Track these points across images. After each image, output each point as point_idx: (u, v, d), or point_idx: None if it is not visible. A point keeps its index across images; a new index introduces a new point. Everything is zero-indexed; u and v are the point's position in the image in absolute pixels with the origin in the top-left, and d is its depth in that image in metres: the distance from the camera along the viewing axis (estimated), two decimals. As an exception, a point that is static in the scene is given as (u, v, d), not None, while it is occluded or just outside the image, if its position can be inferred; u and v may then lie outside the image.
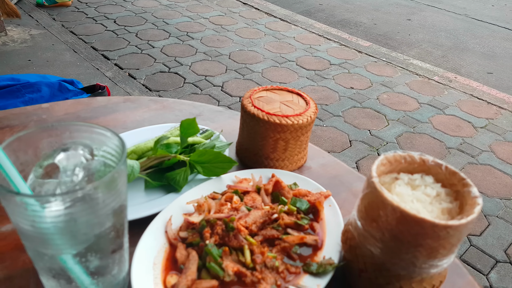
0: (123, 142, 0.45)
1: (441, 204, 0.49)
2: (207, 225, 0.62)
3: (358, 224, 0.52)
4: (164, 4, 4.68)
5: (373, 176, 0.48)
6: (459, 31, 4.76)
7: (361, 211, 0.51)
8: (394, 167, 0.53)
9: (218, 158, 0.73)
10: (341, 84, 3.31)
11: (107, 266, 0.48)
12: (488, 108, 3.17)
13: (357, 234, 0.52)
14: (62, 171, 0.46)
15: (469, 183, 0.49)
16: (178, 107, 1.01)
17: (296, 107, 0.82)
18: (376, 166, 0.51)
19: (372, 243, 0.50)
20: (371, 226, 0.49)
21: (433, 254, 0.46)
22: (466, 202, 0.48)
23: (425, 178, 0.52)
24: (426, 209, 0.48)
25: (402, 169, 0.53)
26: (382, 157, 0.52)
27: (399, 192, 0.50)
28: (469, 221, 0.43)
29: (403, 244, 0.46)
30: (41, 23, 3.90)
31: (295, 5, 5.18)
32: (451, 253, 0.47)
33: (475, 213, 0.44)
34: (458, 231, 0.44)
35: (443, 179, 0.52)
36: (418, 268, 0.48)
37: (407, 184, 0.51)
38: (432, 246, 0.45)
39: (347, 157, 2.49)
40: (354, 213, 0.54)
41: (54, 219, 0.40)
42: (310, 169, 0.85)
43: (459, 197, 0.50)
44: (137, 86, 3.05)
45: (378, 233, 0.48)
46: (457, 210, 0.49)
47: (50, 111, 0.92)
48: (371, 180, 0.48)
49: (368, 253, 0.51)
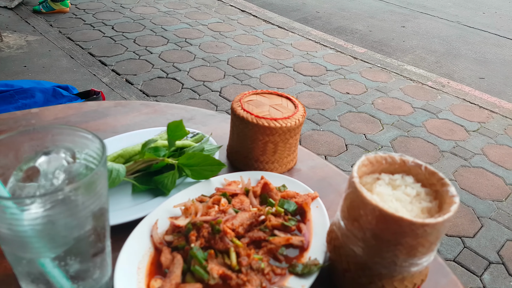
0: (103, 144, 0.45)
1: (421, 203, 0.49)
2: (193, 228, 0.62)
3: (342, 224, 0.52)
4: (163, 11, 4.70)
5: (354, 176, 0.48)
6: (452, 38, 4.79)
7: (343, 211, 0.51)
8: (375, 168, 0.53)
9: (206, 161, 0.73)
10: (337, 90, 3.33)
11: (88, 270, 0.48)
12: (480, 112, 3.18)
13: (341, 234, 0.53)
14: (43, 174, 0.46)
15: (447, 183, 0.49)
16: (170, 111, 1.01)
17: (285, 111, 0.82)
18: (358, 166, 0.51)
19: (354, 243, 0.50)
20: (353, 225, 0.49)
21: (413, 252, 0.46)
22: (445, 201, 0.48)
23: (405, 178, 0.52)
24: (406, 208, 0.48)
25: (384, 169, 0.53)
26: (363, 158, 0.52)
27: (380, 192, 0.50)
28: (445, 219, 0.44)
29: (383, 242, 0.46)
30: (38, 29, 3.91)
31: (293, 12, 5.21)
32: (431, 251, 0.47)
33: (451, 211, 0.45)
34: (435, 229, 0.44)
35: (423, 179, 0.52)
36: (399, 266, 0.48)
37: (388, 184, 0.52)
38: (411, 244, 0.45)
39: (343, 161, 2.50)
40: (338, 214, 0.54)
41: (32, 221, 0.40)
42: (299, 171, 0.85)
43: (438, 196, 0.50)
44: (134, 91, 3.06)
45: (360, 233, 0.49)
46: (436, 209, 0.49)
47: (39, 116, 0.92)
48: (352, 180, 0.48)
49: (351, 253, 0.51)
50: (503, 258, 1.94)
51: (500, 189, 2.38)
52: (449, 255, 1.93)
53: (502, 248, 1.99)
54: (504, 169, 2.55)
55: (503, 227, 2.11)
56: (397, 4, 5.95)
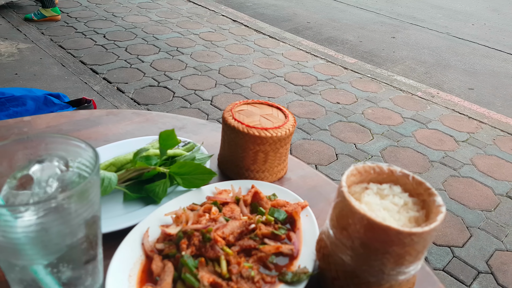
0: (96, 153, 0.46)
1: (408, 212, 0.51)
2: (184, 236, 0.62)
3: (330, 233, 0.53)
4: (155, 20, 4.72)
5: (342, 186, 0.50)
6: (441, 49, 4.87)
7: (332, 220, 0.52)
8: (364, 177, 0.55)
9: (198, 169, 0.74)
10: (328, 99, 3.36)
11: (80, 277, 0.49)
12: (469, 123, 3.23)
13: (330, 242, 0.54)
14: (36, 182, 0.47)
15: (434, 193, 0.51)
16: (161, 120, 1.02)
17: (275, 120, 0.83)
18: (346, 176, 0.52)
19: (343, 251, 0.51)
20: (342, 234, 0.50)
21: (400, 261, 0.47)
22: (431, 210, 0.49)
23: (393, 188, 0.54)
24: (394, 217, 0.50)
25: (372, 179, 0.55)
26: (352, 168, 0.54)
27: (368, 201, 0.51)
28: (432, 229, 0.45)
29: (371, 251, 0.47)
30: (29, 37, 3.90)
31: (284, 23, 5.26)
32: (418, 259, 0.48)
33: (438, 220, 0.46)
34: (422, 238, 0.45)
35: (411, 189, 0.53)
36: (387, 275, 0.49)
37: (376, 193, 0.53)
38: (399, 252, 0.46)
39: (334, 170, 2.52)
40: (327, 222, 0.55)
41: (26, 229, 0.41)
42: (290, 180, 0.86)
43: (425, 206, 0.51)
44: (126, 100, 3.05)
45: (348, 241, 0.49)
46: (423, 218, 0.50)
47: (31, 124, 0.92)
48: (340, 189, 0.49)
49: (339, 261, 0.52)
50: (492, 267, 1.96)
51: (489, 199, 2.41)
52: (438, 264, 1.95)
53: (491, 257, 2.01)
54: (493, 179, 2.59)
55: (491, 237, 2.14)
56: (387, 15, 6.04)
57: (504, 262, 1.99)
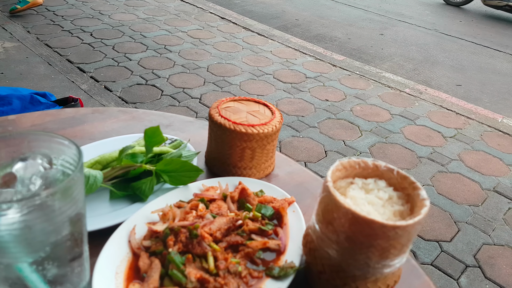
0: (80, 150, 0.45)
1: (393, 206, 0.51)
2: (171, 233, 0.62)
3: (316, 227, 0.53)
4: (142, 17, 4.69)
5: (327, 181, 0.50)
6: (429, 45, 4.92)
7: (318, 214, 0.53)
8: (349, 172, 0.55)
9: (184, 167, 0.74)
10: (317, 97, 3.37)
11: (66, 275, 0.48)
12: (457, 119, 3.27)
13: (316, 237, 0.54)
14: (20, 180, 0.46)
15: (418, 187, 0.51)
16: (148, 117, 1.01)
17: (262, 117, 0.83)
18: (331, 171, 0.52)
19: (329, 246, 0.51)
20: (327, 228, 0.51)
21: (385, 254, 0.48)
22: (416, 204, 0.50)
23: (378, 182, 0.54)
24: (379, 211, 0.50)
25: (357, 174, 0.55)
26: (337, 163, 0.54)
27: (353, 196, 0.51)
28: (416, 222, 0.45)
29: (356, 245, 0.48)
30: (15, 36, 3.85)
31: (272, 20, 5.26)
32: (403, 253, 0.49)
33: (422, 214, 0.47)
34: (406, 232, 0.46)
35: (395, 183, 0.54)
36: (372, 268, 0.49)
37: (361, 188, 0.53)
38: (383, 246, 0.47)
39: (323, 167, 2.53)
40: (313, 217, 0.56)
41: (9, 226, 0.40)
42: (277, 176, 0.87)
43: (410, 199, 0.52)
44: (113, 98, 3.03)
45: (334, 236, 0.50)
46: (408, 212, 0.51)
47: (16, 123, 0.91)
48: (326, 184, 0.50)
49: (325, 255, 0.53)
50: (479, 261, 1.98)
51: (476, 194, 2.44)
52: (427, 259, 1.97)
53: (479, 251, 2.04)
54: (480, 174, 2.62)
55: (479, 231, 2.17)
56: (375, 12, 6.08)
57: (492, 256, 2.02)
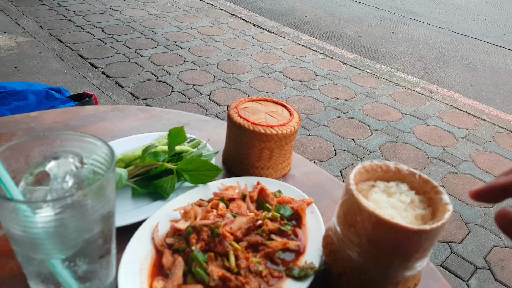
0: (112, 151, 0.47)
1: (415, 210, 0.52)
2: (193, 231, 0.63)
3: (338, 230, 0.54)
4: (153, 13, 4.70)
5: (350, 184, 0.51)
6: (441, 44, 4.88)
7: (340, 217, 0.54)
8: (371, 175, 0.56)
9: (204, 166, 0.75)
10: (327, 95, 3.37)
11: (95, 271, 0.50)
12: (469, 119, 3.25)
13: (337, 239, 0.55)
14: (53, 178, 0.48)
15: (440, 191, 0.52)
16: (166, 116, 1.03)
17: (281, 118, 0.84)
18: (354, 174, 0.53)
19: (350, 248, 0.52)
20: (349, 231, 0.52)
21: (407, 258, 0.48)
22: (438, 208, 0.51)
23: (400, 186, 0.55)
24: (401, 215, 0.51)
25: (379, 177, 0.56)
26: (359, 166, 0.55)
27: (375, 199, 0.52)
28: (439, 226, 0.46)
29: (379, 248, 0.49)
30: (28, 31, 3.89)
31: (282, 17, 5.26)
32: (424, 256, 0.50)
33: (445, 218, 0.47)
34: (429, 236, 0.46)
35: (417, 187, 0.55)
36: (393, 271, 0.50)
37: (383, 191, 0.54)
38: (406, 250, 0.47)
39: (332, 166, 2.53)
40: (334, 219, 0.57)
41: (45, 224, 0.42)
42: (294, 177, 0.88)
43: (432, 204, 0.52)
44: (124, 94, 3.05)
45: (355, 238, 0.51)
46: (430, 216, 0.52)
47: (38, 120, 0.93)
48: (348, 187, 0.51)
49: (346, 257, 0.54)
50: (490, 263, 1.98)
51: (486, 195, 2.43)
52: (437, 260, 1.97)
53: (489, 253, 2.04)
54: (491, 176, 2.61)
55: (490, 233, 2.16)
56: (386, 10, 6.04)
57: (502, 258, 2.02)
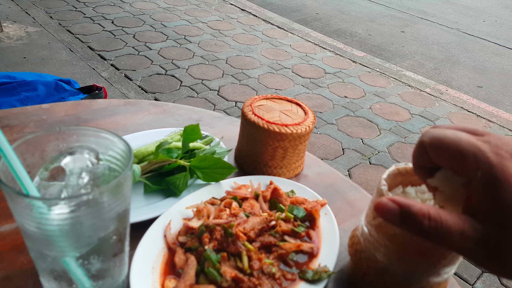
0: (129, 147, 0.46)
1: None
2: (206, 230, 0.63)
3: (365, 230, 0.54)
4: (163, 7, 4.69)
5: (382, 184, 0.50)
6: (451, 45, 4.84)
7: (368, 216, 0.53)
8: (404, 178, 0.55)
9: (218, 164, 0.74)
10: (335, 93, 3.35)
11: (108, 269, 0.49)
12: (478, 121, 3.22)
13: (363, 239, 0.54)
14: (68, 174, 0.47)
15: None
16: (178, 111, 1.02)
17: (295, 117, 0.83)
18: (387, 175, 0.52)
19: (376, 248, 0.51)
20: (377, 232, 0.51)
21: (433, 263, 0.47)
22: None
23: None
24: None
25: (412, 181, 0.55)
26: (393, 167, 0.54)
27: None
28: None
29: (406, 251, 0.48)
30: (38, 21, 3.89)
31: (292, 13, 5.23)
32: (452, 264, 0.48)
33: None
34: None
35: None
36: (418, 275, 0.49)
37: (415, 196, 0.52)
38: (434, 254, 0.47)
39: (340, 165, 2.52)
40: (362, 219, 0.56)
41: (61, 221, 0.41)
42: (306, 177, 0.86)
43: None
44: (133, 87, 3.05)
45: (383, 240, 0.50)
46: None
47: (50, 112, 0.92)
48: (380, 188, 0.50)
49: (372, 258, 0.53)
50: (495, 266, 1.97)
51: (494, 198, 2.41)
52: (443, 261, 1.96)
53: (495, 256, 2.02)
54: (498, 178, 2.58)
55: (496, 235, 2.14)
56: (397, 8, 5.99)
57: (508, 262, 2.00)
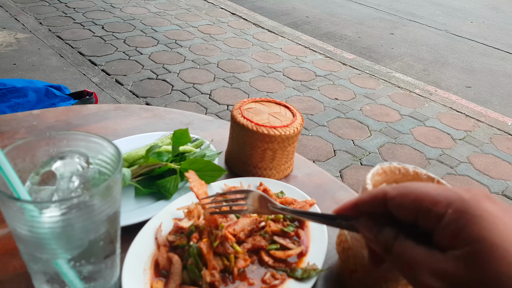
0: (119, 151, 0.47)
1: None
2: (196, 230, 0.64)
3: None
4: (153, 11, 4.70)
5: (367, 183, 0.51)
6: (440, 46, 4.89)
7: None
8: (388, 178, 0.56)
9: (208, 166, 0.76)
10: (326, 95, 3.37)
11: (100, 271, 0.50)
12: (467, 121, 3.26)
13: (350, 237, 0.56)
14: (59, 178, 0.48)
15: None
16: (169, 115, 1.03)
17: (284, 119, 0.85)
18: (372, 174, 0.54)
19: (363, 246, 0.53)
20: None
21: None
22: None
23: None
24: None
25: (397, 180, 0.56)
26: (377, 167, 0.55)
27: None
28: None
29: None
30: (27, 27, 3.88)
31: (282, 17, 5.26)
32: None
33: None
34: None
35: None
36: None
37: None
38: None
39: (331, 166, 2.54)
40: None
41: (52, 224, 0.42)
42: (296, 178, 0.88)
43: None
44: (124, 92, 3.05)
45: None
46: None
47: (40, 118, 0.93)
48: (365, 187, 0.51)
49: (359, 255, 0.54)
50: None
51: (484, 197, 2.44)
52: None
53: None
54: (489, 177, 2.62)
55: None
56: (386, 11, 6.05)
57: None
